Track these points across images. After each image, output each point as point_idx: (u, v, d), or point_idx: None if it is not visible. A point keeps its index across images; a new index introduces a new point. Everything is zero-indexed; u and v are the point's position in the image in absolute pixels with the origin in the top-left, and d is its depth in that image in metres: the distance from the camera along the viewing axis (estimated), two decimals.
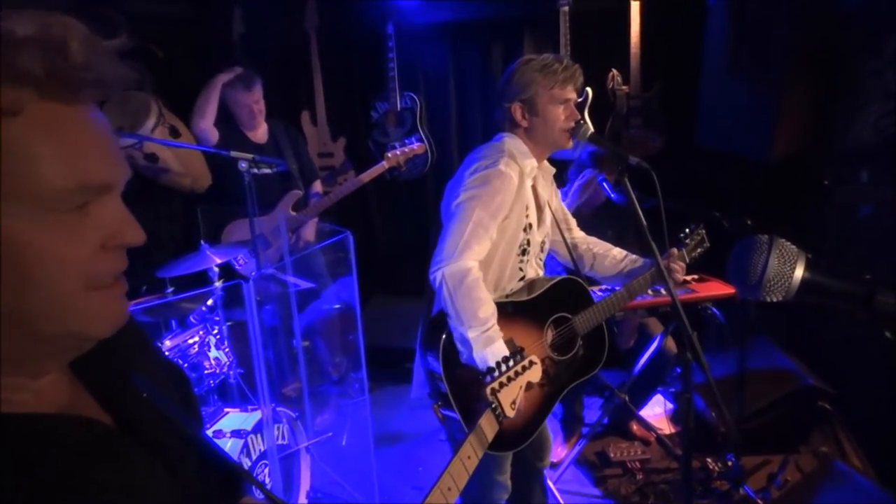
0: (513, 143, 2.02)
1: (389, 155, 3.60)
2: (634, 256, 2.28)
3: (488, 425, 1.32)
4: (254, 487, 0.89)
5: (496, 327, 1.83)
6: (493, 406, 1.34)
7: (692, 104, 3.87)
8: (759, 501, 2.82)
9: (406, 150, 3.63)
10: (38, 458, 0.60)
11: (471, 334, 1.79)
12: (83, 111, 0.60)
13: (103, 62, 0.60)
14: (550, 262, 2.39)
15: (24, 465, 0.58)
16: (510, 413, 1.36)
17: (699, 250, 2.27)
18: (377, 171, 3.58)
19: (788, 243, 1.08)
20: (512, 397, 1.37)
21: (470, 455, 1.25)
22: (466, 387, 1.86)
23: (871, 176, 3.14)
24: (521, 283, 2.10)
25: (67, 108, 0.59)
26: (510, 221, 1.96)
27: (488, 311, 1.82)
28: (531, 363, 1.42)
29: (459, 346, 1.83)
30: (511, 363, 1.40)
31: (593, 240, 2.36)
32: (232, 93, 3.39)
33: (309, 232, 3.63)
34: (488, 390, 1.34)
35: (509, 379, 1.37)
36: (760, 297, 1.08)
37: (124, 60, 0.62)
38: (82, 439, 0.64)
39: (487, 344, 1.79)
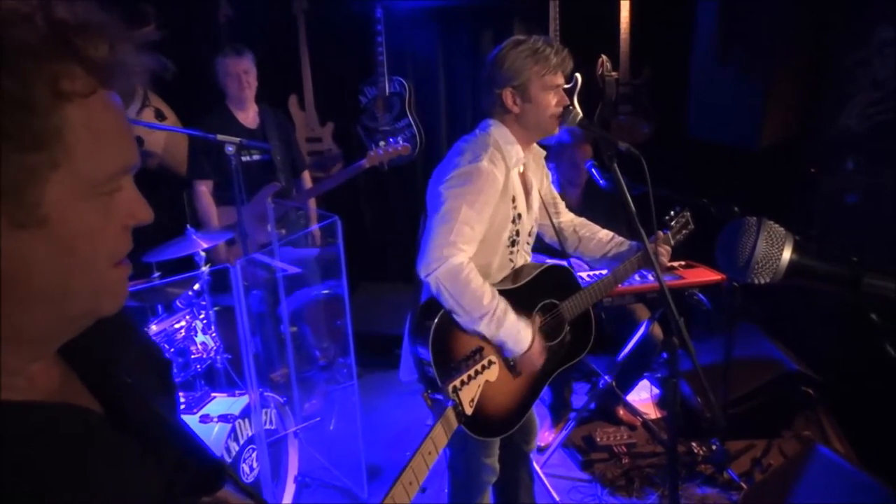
0: (499, 132, 1.99)
1: (371, 154, 3.55)
2: (620, 239, 2.28)
3: (449, 422, 1.37)
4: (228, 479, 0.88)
5: (501, 305, 1.86)
6: (455, 404, 1.39)
7: (681, 92, 3.87)
8: (742, 485, 2.86)
9: (390, 150, 3.59)
10: (34, 451, 0.59)
11: (482, 325, 1.84)
12: (113, 96, 0.62)
13: (135, 51, 0.62)
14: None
15: (19, 457, 0.57)
16: (468, 411, 1.42)
17: (684, 232, 2.28)
18: (356, 171, 3.57)
19: (777, 225, 1.08)
20: (471, 395, 1.43)
21: (430, 451, 1.29)
22: None
23: (857, 164, 3.16)
24: (510, 272, 2.10)
25: (107, 93, 0.61)
26: (496, 216, 1.95)
27: (489, 296, 1.85)
28: (490, 363, 1.48)
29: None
30: (471, 362, 1.46)
31: (580, 221, 2.36)
32: (222, 61, 3.34)
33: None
34: (450, 388, 1.39)
35: (469, 378, 1.43)
36: (748, 279, 1.08)
37: (149, 49, 0.64)
38: (77, 431, 0.64)
39: (499, 326, 1.84)
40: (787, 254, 1.05)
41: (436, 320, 1.87)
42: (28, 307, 0.60)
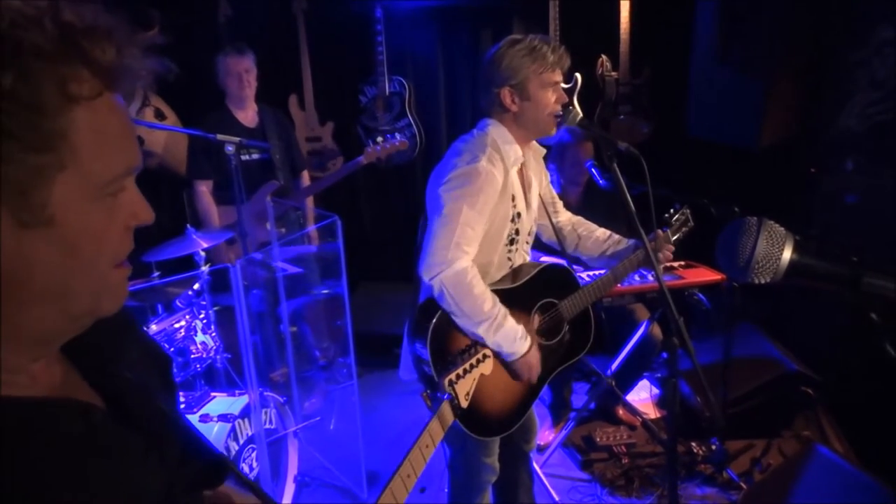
0: (497, 131, 1.99)
1: (368, 150, 3.56)
2: (618, 237, 2.28)
3: (446, 416, 1.39)
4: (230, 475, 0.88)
5: (501, 311, 1.87)
6: (451, 397, 1.41)
7: (681, 92, 3.87)
8: (742, 485, 2.86)
9: (387, 146, 3.59)
10: (35, 447, 0.59)
11: (481, 330, 1.85)
12: (118, 98, 0.64)
13: (140, 54, 0.63)
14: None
15: (20, 453, 0.58)
16: (464, 404, 1.44)
17: (684, 230, 2.28)
18: (353, 168, 3.58)
19: (777, 225, 1.08)
20: (466, 389, 1.45)
21: (428, 444, 1.31)
22: None
23: (856, 164, 3.16)
24: (508, 271, 2.10)
25: (112, 95, 0.62)
26: (496, 215, 1.95)
27: (490, 302, 1.86)
28: (485, 356, 1.51)
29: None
30: (466, 356, 1.48)
31: (578, 220, 2.36)
32: (224, 59, 3.34)
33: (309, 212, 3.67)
34: (446, 382, 1.41)
35: (465, 371, 1.45)
36: (749, 279, 1.08)
37: (153, 53, 0.66)
38: (79, 427, 0.64)
39: (498, 330, 1.85)
40: (787, 254, 1.05)
41: (434, 320, 1.87)
42: (30, 306, 0.61)
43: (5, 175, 0.55)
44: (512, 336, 1.88)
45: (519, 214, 2.03)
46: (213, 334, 2.80)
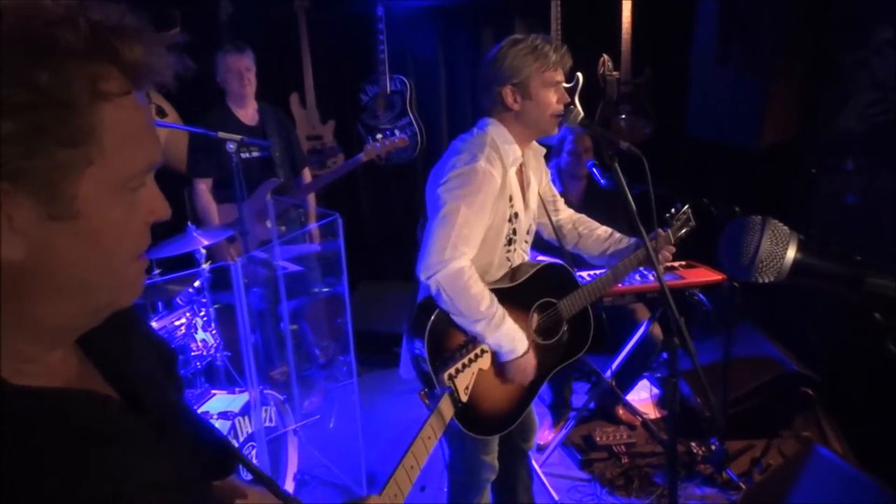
0: (496, 131, 1.98)
1: (368, 148, 3.57)
2: (619, 235, 2.28)
3: (446, 409, 1.42)
4: (238, 467, 0.90)
5: (499, 311, 1.87)
6: (451, 391, 1.44)
7: (681, 91, 3.87)
8: (741, 485, 2.86)
9: (387, 143, 3.60)
10: (52, 436, 0.61)
11: (479, 328, 1.85)
12: (140, 96, 0.66)
13: (165, 52, 0.65)
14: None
15: (37, 442, 0.59)
16: (464, 398, 1.47)
17: (685, 230, 2.27)
18: (354, 166, 3.59)
19: (781, 224, 1.08)
20: (466, 383, 1.49)
21: (430, 436, 1.34)
22: None
23: (856, 164, 3.16)
24: (507, 271, 2.10)
25: (136, 93, 0.64)
26: (495, 216, 1.95)
27: (487, 301, 1.86)
28: (483, 352, 1.55)
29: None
30: (465, 351, 1.51)
31: (579, 218, 2.36)
32: (224, 57, 3.34)
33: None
34: (445, 376, 1.44)
35: (464, 366, 1.49)
36: (752, 278, 1.08)
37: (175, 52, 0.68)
38: (95, 418, 0.66)
39: (496, 329, 1.86)
40: (791, 253, 1.05)
41: (432, 318, 1.87)
42: (51, 297, 0.62)
43: (37, 168, 0.56)
44: (510, 335, 1.89)
45: (516, 214, 2.03)
46: (214, 332, 2.81)
